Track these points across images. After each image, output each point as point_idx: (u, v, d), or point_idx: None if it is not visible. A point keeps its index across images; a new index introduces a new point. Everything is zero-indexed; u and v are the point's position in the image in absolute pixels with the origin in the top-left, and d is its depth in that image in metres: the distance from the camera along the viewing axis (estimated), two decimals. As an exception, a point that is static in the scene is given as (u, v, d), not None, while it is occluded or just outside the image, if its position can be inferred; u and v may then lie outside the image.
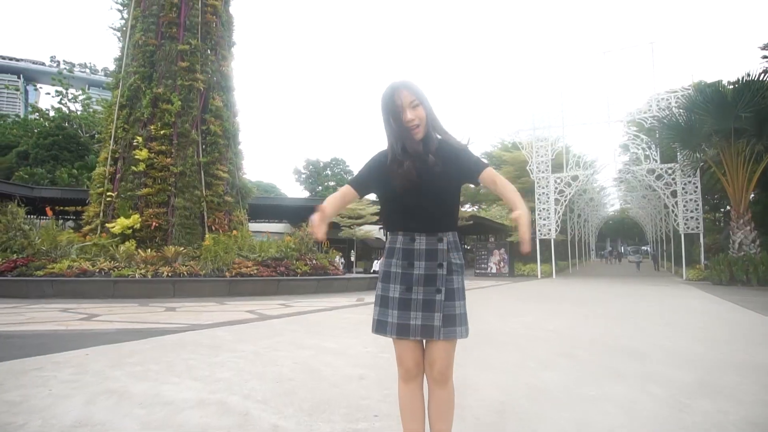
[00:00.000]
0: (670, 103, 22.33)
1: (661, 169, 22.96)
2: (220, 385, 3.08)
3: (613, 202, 50.59)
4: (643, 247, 68.07)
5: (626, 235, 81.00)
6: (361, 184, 1.91)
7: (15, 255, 12.05)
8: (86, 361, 3.62)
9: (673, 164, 22.63)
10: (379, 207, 1.93)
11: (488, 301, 10.61)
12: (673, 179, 22.68)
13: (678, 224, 22.55)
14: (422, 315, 1.75)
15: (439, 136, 1.87)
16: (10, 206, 13.07)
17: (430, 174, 1.76)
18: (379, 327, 1.81)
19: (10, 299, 9.50)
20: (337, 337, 4.82)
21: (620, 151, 31.37)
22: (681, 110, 20.87)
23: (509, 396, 2.98)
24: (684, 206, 22.42)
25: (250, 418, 2.48)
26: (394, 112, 1.79)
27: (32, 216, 26.17)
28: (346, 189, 1.91)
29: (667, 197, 22.93)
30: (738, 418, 2.65)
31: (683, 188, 22.53)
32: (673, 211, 23.06)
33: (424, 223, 1.79)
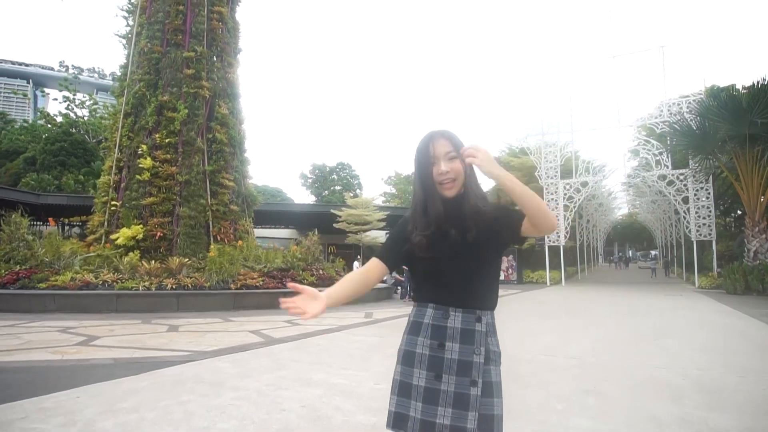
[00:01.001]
0: (681, 109, 21.93)
1: (673, 175, 22.54)
2: (220, 440, 2.80)
3: (621, 206, 50.05)
4: (652, 251, 67.38)
5: (635, 240, 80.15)
6: (389, 253, 1.60)
7: (18, 266, 11.87)
8: (77, 407, 3.35)
9: (684, 170, 22.21)
10: (412, 277, 1.62)
11: (501, 317, 10.27)
12: (685, 185, 22.24)
13: (690, 231, 22.12)
14: (452, 413, 1.40)
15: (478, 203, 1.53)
16: (13, 216, 12.91)
17: (466, 238, 1.48)
18: (398, 422, 1.47)
19: (12, 314, 9.30)
20: (346, 369, 4.53)
21: (629, 156, 30.93)
22: (694, 116, 20.48)
23: (540, 455, 2.68)
24: (696, 213, 21.99)
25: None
26: (425, 163, 1.52)
27: (38, 223, 26.16)
28: (373, 263, 1.59)
29: (679, 203, 22.51)
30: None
31: (695, 194, 22.10)
32: (684, 218, 22.63)
33: (461, 296, 1.49)
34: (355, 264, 26.62)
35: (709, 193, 21.88)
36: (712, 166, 21.11)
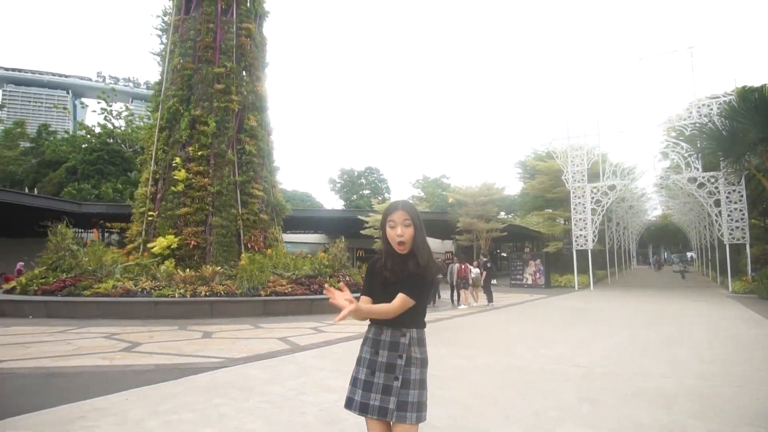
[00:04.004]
0: (711, 110, 21.62)
1: (703, 177, 22.21)
2: (248, 438, 3.24)
3: (655, 206, 49.04)
4: (688, 253, 65.71)
5: (669, 242, 78.21)
6: (366, 291, 2.24)
7: (64, 274, 12.69)
8: (126, 408, 3.86)
9: (715, 172, 21.86)
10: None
11: (522, 324, 10.55)
12: (717, 188, 21.91)
13: (722, 234, 21.76)
14: (380, 397, 2.04)
15: (421, 263, 2.10)
16: (59, 227, 13.78)
17: (399, 282, 2.08)
18: (348, 403, 2.13)
19: (61, 320, 10.07)
20: (363, 375, 4.94)
21: (660, 157, 30.42)
22: (722, 118, 20.16)
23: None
24: (728, 215, 21.62)
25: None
26: (387, 225, 2.15)
27: (80, 230, 27.44)
28: (365, 298, 2.22)
29: (710, 206, 22.17)
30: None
31: (727, 197, 21.73)
32: (716, 221, 22.27)
33: (391, 320, 2.08)
34: None
35: (741, 196, 21.49)
36: (743, 168, 20.72)
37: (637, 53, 25.53)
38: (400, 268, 2.09)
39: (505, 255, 45.65)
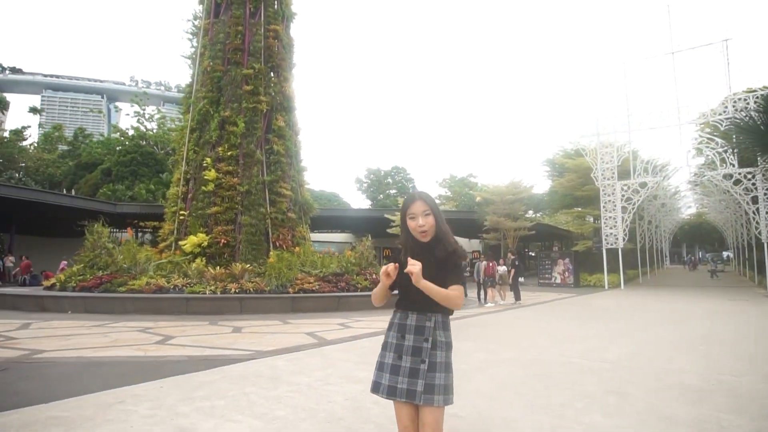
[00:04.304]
0: (748, 104, 20.96)
1: (739, 173, 21.57)
2: (277, 424, 3.36)
3: (689, 204, 47.70)
4: (724, 253, 63.77)
5: (704, 240, 76.03)
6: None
7: (101, 272, 13.16)
8: (161, 395, 4.03)
9: (752, 168, 21.19)
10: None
11: (548, 322, 10.45)
12: (754, 184, 21.24)
13: (760, 232, 21.10)
14: (408, 380, 2.07)
15: (449, 249, 2.15)
16: (96, 226, 14.27)
17: (427, 268, 2.05)
18: (374, 387, 2.16)
19: (98, 315, 10.44)
20: (389, 367, 5.02)
21: (694, 153, 29.57)
22: (760, 113, 19.52)
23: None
24: (766, 213, 20.95)
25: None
26: (407, 217, 2.19)
27: (115, 229, 28.28)
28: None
29: (747, 203, 21.51)
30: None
31: (765, 194, 21.06)
32: (754, 218, 21.60)
33: (417, 305, 2.14)
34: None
35: (780, 192, 20.79)
36: (782, 163, 20.03)
37: (670, 47, 24.82)
38: (425, 257, 2.09)
39: (533, 254, 45.13)
